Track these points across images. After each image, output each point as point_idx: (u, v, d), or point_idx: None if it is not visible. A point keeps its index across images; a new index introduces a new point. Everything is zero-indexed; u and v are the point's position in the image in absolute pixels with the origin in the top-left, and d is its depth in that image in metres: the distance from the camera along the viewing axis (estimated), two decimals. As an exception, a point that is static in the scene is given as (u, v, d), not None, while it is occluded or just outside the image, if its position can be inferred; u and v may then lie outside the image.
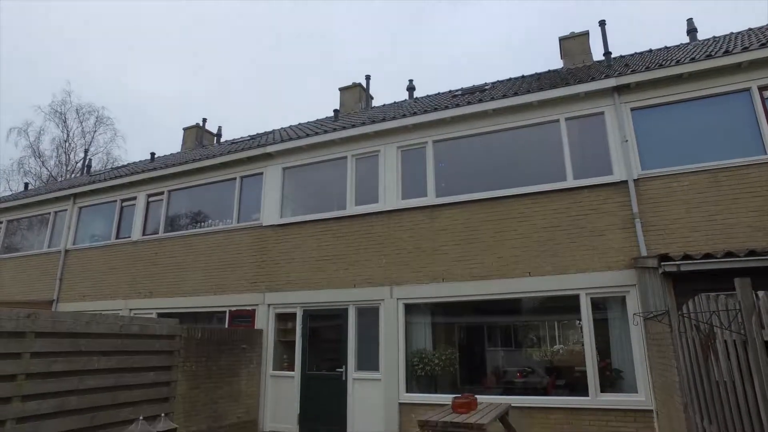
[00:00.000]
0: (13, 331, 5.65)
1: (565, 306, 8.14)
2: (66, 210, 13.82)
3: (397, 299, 8.68)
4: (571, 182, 8.04)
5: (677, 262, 5.63)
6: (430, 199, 8.95)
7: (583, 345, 7.62)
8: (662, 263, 5.72)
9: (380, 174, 9.45)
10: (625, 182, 7.68)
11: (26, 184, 20.50)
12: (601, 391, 7.22)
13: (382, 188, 9.35)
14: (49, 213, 14.25)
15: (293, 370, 9.26)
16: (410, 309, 8.74)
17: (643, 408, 6.89)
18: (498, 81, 12.32)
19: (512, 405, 6.63)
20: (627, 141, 7.81)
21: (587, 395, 7.27)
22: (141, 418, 6.68)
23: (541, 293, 7.92)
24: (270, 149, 10.48)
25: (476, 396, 5.89)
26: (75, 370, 6.25)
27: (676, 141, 7.74)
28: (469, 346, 9.37)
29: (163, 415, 7.01)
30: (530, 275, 7.94)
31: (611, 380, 7.35)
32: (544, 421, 7.32)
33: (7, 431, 5.53)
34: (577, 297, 7.65)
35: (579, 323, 7.81)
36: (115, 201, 12.98)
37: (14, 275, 14.21)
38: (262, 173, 10.74)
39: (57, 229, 13.97)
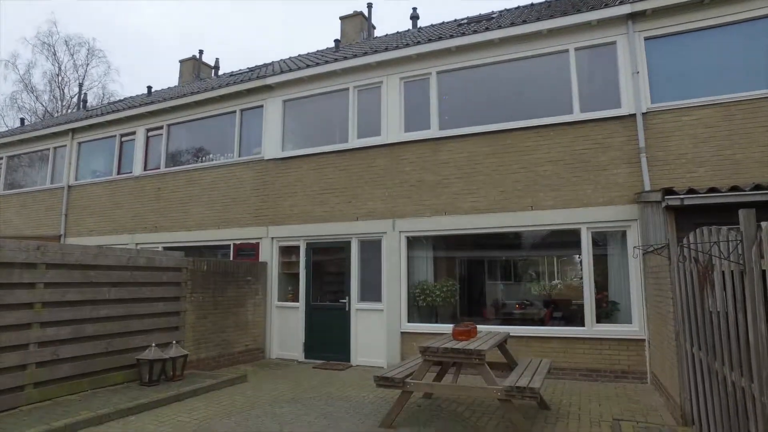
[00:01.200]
0: (25, 262, 5.78)
1: (566, 241, 8.23)
2: (65, 146, 13.70)
3: (400, 232, 8.77)
4: (577, 115, 7.87)
5: (681, 196, 5.61)
6: (434, 131, 8.81)
7: (580, 280, 7.78)
8: (666, 197, 5.71)
9: (383, 106, 9.24)
10: (633, 116, 7.51)
11: (22, 120, 20.14)
12: (597, 322, 7.46)
13: (384, 121, 9.18)
14: (48, 149, 14.14)
15: (298, 302, 9.54)
16: (412, 242, 8.85)
17: (636, 337, 7.14)
18: (506, 9, 11.73)
19: (510, 334, 6.87)
20: (638, 73, 7.54)
21: (583, 326, 7.52)
22: (154, 344, 7.00)
23: (542, 227, 7.97)
24: (270, 81, 10.19)
25: (476, 325, 6.08)
26: (88, 300, 6.48)
27: (689, 73, 7.48)
28: (470, 279, 9.58)
29: (174, 342, 7.33)
30: (532, 209, 7.97)
31: (607, 312, 7.57)
32: (540, 350, 7.62)
33: (30, 354, 5.81)
34: (578, 231, 7.71)
35: (579, 258, 7.93)
36: (115, 136, 12.83)
37: (20, 211, 14.34)
38: (262, 106, 10.51)
39: (58, 166, 13.93)
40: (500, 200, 8.20)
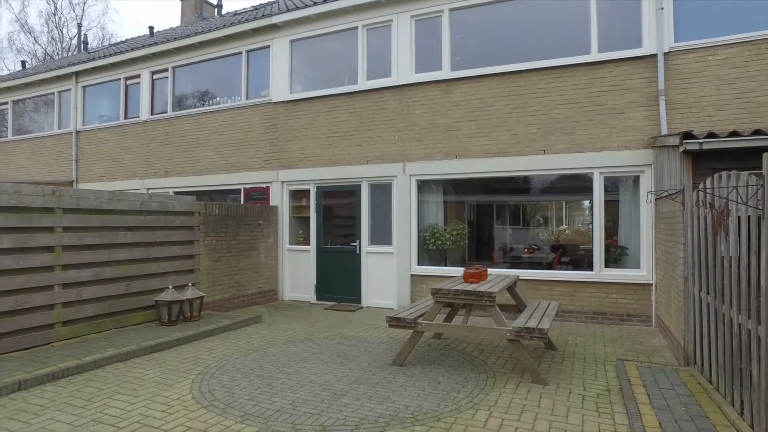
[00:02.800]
0: (42, 206, 5.86)
1: (576, 186, 8.17)
2: (70, 90, 13.51)
3: (410, 175, 8.73)
4: (595, 56, 7.57)
5: (700, 140, 5.49)
6: (445, 72, 8.56)
7: (588, 225, 7.79)
8: (684, 141, 5.58)
9: (393, 46, 8.93)
10: (654, 56, 7.21)
11: (23, 62, 19.77)
12: (605, 267, 7.53)
13: (395, 61, 8.91)
14: (53, 93, 13.96)
15: (309, 245, 9.68)
16: (423, 185, 8.83)
17: (644, 282, 7.23)
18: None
19: (519, 278, 6.98)
20: (663, 9, 7.17)
21: (591, 270, 7.60)
22: (170, 287, 7.21)
23: (554, 171, 7.89)
24: (276, 20, 9.83)
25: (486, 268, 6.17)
26: (105, 244, 6.61)
27: (717, 9, 7.10)
28: (479, 223, 9.64)
29: (190, 284, 7.54)
30: (545, 153, 7.86)
31: (616, 257, 7.63)
32: (548, 293, 7.77)
33: (56, 294, 6.03)
34: (590, 176, 7.63)
35: (588, 203, 7.90)
36: (119, 79, 12.61)
37: (31, 157, 14.38)
38: (269, 47, 10.21)
39: (64, 110, 13.81)
40: (513, 144, 8.08)
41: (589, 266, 7.73)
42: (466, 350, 5.97)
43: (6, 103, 15.01)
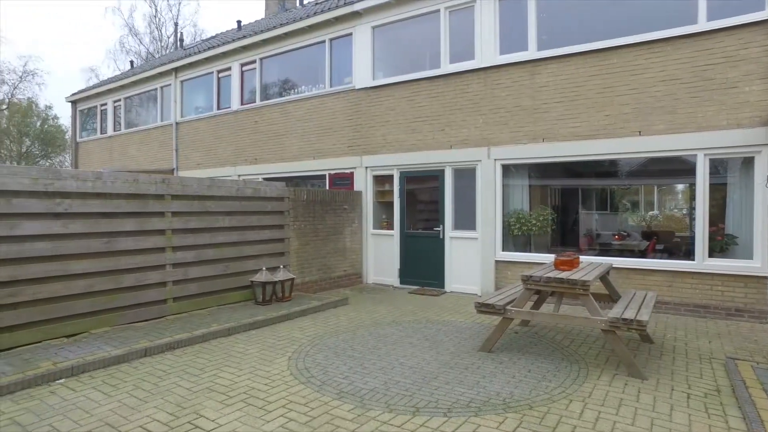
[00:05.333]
0: (155, 193, 6.43)
1: (672, 169, 7.61)
2: (170, 84, 14.62)
3: (495, 160, 8.56)
4: (702, 25, 6.91)
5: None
6: (531, 53, 8.23)
7: (682, 210, 7.23)
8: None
9: (476, 27, 8.73)
10: (778, 18, 6.45)
11: (131, 62, 21.66)
12: (709, 256, 6.97)
13: (478, 43, 8.71)
14: (156, 88, 15.19)
15: (392, 229, 9.84)
16: (507, 170, 8.63)
17: (757, 274, 6.60)
18: None
19: (612, 266, 6.64)
20: (787, -34, 6.39)
21: (692, 259, 7.07)
22: (264, 268, 7.66)
23: (651, 154, 7.36)
24: (357, 7, 9.95)
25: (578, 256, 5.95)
26: (206, 228, 7.15)
27: None
28: (564, 208, 9.29)
29: (282, 266, 7.97)
30: (640, 134, 7.36)
31: (722, 245, 7.03)
32: (642, 283, 7.34)
33: (167, 273, 6.64)
34: (692, 158, 7.06)
35: (688, 187, 7.32)
36: (212, 72, 13.43)
37: (139, 147, 15.83)
38: (351, 34, 10.37)
39: (165, 104, 14.99)
40: (604, 125, 7.65)
41: (687, 255, 7.20)
42: (555, 339, 5.83)
43: (119, 100, 16.60)
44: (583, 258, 6.94)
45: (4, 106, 26.82)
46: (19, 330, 5.15)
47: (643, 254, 8.00)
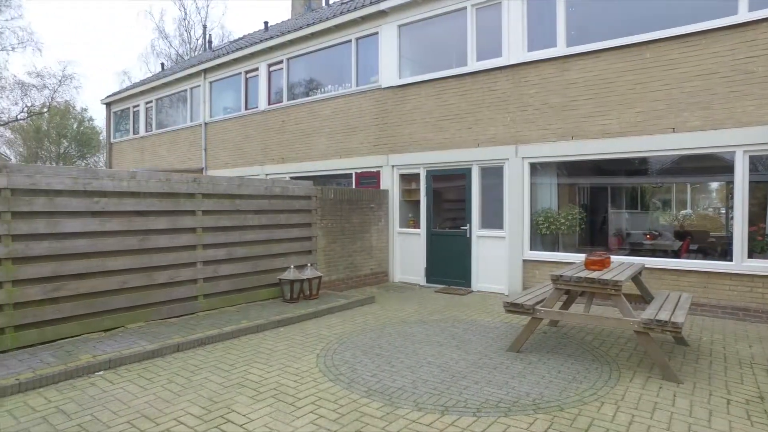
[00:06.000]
0: (186, 192, 6.57)
1: (706, 166, 7.38)
2: (199, 86, 14.92)
3: (522, 158, 8.45)
4: (744, 16, 6.66)
5: None
6: (560, 49, 8.10)
7: (719, 209, 6.99)
8: None
9: (503, 24, 8.63)
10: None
11: (162, 65, 22.20)
12: (749, 257, 6.74)
13: (505, 40, 8.61)
14: (186, 89, 15.53)
15: (419, 228, 9.83)
16: (536, 168, 8.51)
17: (801, 274, 6.36)
18: None
19: (645, 266, 6.48)
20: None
21: (728, 260, 6.85)
22: (292, 266, 7.75)
23: (685, 151, 7.14)
24: (383, 6, 9.96)
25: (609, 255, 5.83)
26: (236, 226, 7.27)
27: None
28: (593, 207, 9.11)
29: (309, 264, 8.04)
30: (674, 131, 7.16)
31: (762, 246, 6.78)
32: (675, 283, 7.15)
33: (198, 270, 6.78)
34: (730, 155, 6.82)
35: (725, 185, 7.08)
36: (240, 73, 13.65)
37: (170, 147, 16.21)
38: (377, 33, 10.39)
39: (195, 105, 15.31)
40: (636, 122, 7.46)
41: (724, 255, 6.98)
42: (584, 340, 5.73)
43: (151, 101, 17.06)
44: (613, 258, 6.80)
45: (45, 110, 27.89)
46: (61, 323, 5.35)
47: (676, 254, 7.79)
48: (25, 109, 24.25)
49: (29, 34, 35.82)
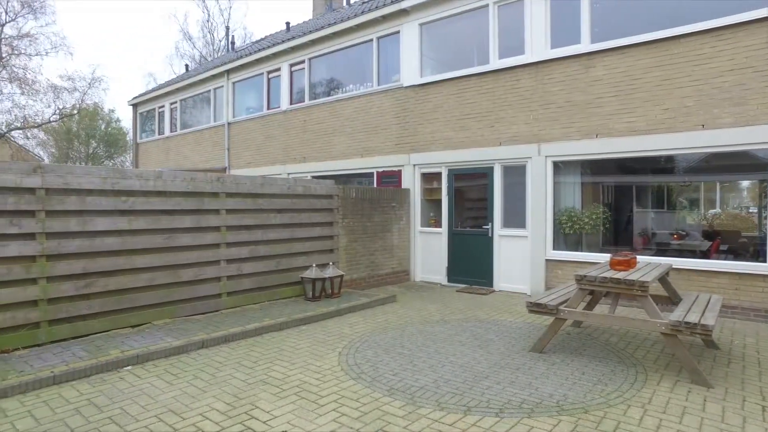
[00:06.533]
0: (210, 191, 6.68)
1: (741, 164, 7.16)
2: (222, 86, 15.14)
3: (546, 157, 8.34)
4: (781, 7, 6.45)
5: None
6: (585, 46, 7.96)
7: (754, 208, 6.78)
8: None
9: (526, 21, 8.53)
10: None
11: (186, 66, 22.61)
12: (783, 257, 6.53)
13: (528, 37, 8.51)
14: (209, 90, 15.77)
15: (440, 227, 9.79)
16: (558, 167, 8.40)
17: (838, 275, 6.13)
18: None
19: (672, 266, 6.33)
20: None
21: (762, 260, 6.65)
22: (314, 265, 7.80)
23: (716, 148, 6.94)
24: (405, 5, 9.94)
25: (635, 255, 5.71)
26: (258, 225, 7.35)
27: None
28: (617, 206, 8.92)
29: (331, 263, 8.09)
30: (704, 128, 6.97)
31: (798, 246, 6.57)
32: (704, 285, 6.97)
33: (222, 268, 6.88)
34: (764, 152, 6.62)
35: (758, 184, 6.87)
36: (262, 74, 13.79)
37: (193, 147, 16.50)
38: (398, 32, 10.38)
39: (218, 105, 15.54)
40: (663, 119, 7.30)
41: (757, 256, 6.77)
42: (609, 341, 5.63)
43: (175, 102, 17.39)
44: (639, 258, 6.66)
45: (75, 111, 28.81)
46: (92, 319, 5.51)
47: (704, 255, 7.58)
48: (57, 111, 25.09)
49: (61, 39, 36.99)
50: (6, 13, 21.26)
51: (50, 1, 37.60)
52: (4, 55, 21.31)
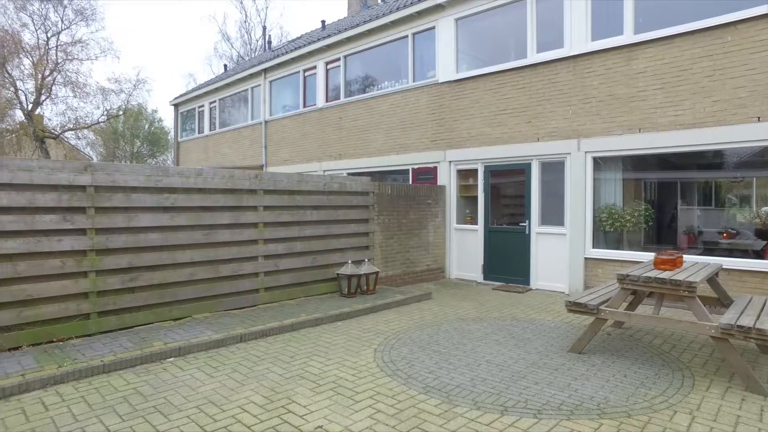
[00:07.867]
0: (249, 188, 6.81)
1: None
2: (260, 85, 15.42)
3: (585, 152, 8.11)
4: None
5: None
6: (627, 37, 7.67)
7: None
8: None
9: (565, 14, 8.29)
10: None
11: (225, 66, 23.18)
12: None
13: (567, 30, 8.27)
14: (247, 89, 16.09)
15: (476, 224, 9.68)
16: (598, 163, 8.14)
17: None
18: None
19: (722, 267, 6.04)
20: None
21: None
22: (350, 261, 7.85)
23: (773, 142, 6.58)
24: (440, 0, 9.85)
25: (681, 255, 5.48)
26: (295, 221, 7.45)
27: None
28: (660, 203, 8.58)
29: (366, 260, 8.12)
30: (759, 120, 6.61)
31: None
32: (759, 286, 6.61)
33: (260, 264, 7.02)
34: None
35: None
36: (299, 72, 13.96)
37: (231, 145, 16.89)
38: (434, 27, 10.30)
39: (255, 104, 15.84)
40: (713, 112, 6.96)
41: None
42: (652, 343, 5.43)
43: (214, 101, 17.85)
44: (685, 257, 6.39)
45: (121, 112, 30.07)
46: (136, 312, 5.72)
47: (758, 255, 7.20)
48: (105, 112, 26.27)
49: (109, 44, 38.58)
50: (62, 21, 22.53)
51: (100, 8, 39.29)
52: (59, 61, 22.55)
